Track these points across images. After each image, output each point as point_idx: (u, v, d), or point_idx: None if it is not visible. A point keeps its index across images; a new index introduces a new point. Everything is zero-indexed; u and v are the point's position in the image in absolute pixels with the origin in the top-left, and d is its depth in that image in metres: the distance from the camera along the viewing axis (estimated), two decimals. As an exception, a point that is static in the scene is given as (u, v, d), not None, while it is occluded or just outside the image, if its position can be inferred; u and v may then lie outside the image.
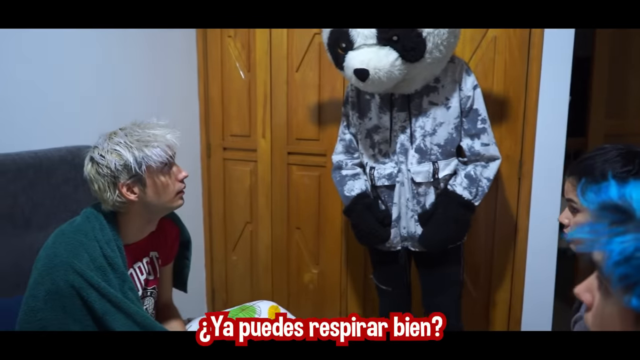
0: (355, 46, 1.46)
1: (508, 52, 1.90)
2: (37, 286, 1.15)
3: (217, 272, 2.66)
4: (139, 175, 1.20)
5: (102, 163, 1.20)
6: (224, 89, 2.47)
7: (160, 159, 1.23)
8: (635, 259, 0.55)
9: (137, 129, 1.25)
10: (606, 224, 0.58)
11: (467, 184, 1.60)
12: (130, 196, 1.21)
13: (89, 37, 1.91)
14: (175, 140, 1.28)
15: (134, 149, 1.20)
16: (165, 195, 1.27)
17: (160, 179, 1.25)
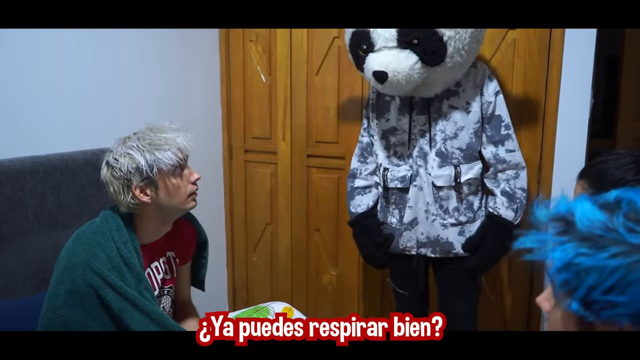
0: (376, 48, 1.47)
1: (528, 55, 1.88)
2: (58, 285, 1.20)
3: (238, 272, 2.70)
4: (150, 177, 1.25)
5: (116, 166, 1.25)
6: (246, 92, 2.52)
7: (171, 162, 1.27)
8: (574, 265, 0.60)
9: (149, 133, 1.30)
10: (551, 234, 0.63)
11: (508, 202, 1.60)
12: (143, 198, 1.26)
13: (113, 42, 1.98)
14: (186, 144, 1.32)
15: (145, 152, 1.25)
16: (178, 197, 1.31)
17: (172, 181, 1.29)
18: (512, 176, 1.62)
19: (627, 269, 0.57)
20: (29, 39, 1.68)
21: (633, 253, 0.57)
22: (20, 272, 1.59)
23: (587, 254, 0.60)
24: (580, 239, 0.62)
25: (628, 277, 0.57)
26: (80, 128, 1.87)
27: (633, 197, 0.62)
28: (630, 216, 0.60)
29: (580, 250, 0.61)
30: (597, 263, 0.59)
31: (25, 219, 1.59)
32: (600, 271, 0.59)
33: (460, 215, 1.64)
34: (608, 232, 0.60)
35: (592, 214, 0.62)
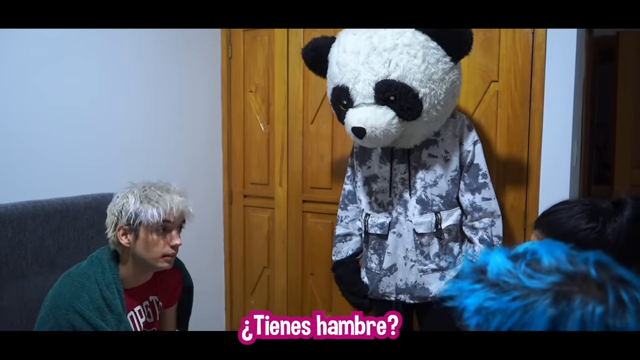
0: (355, 104, 1.54)
1: (510, 106, 1.96)
2: (42, 324, 1.28)
3: (236, 316, 2.74)
4: (132, 225, 1.33)
5: (114, 202, 1.37)
6: (246, 140, 2.63)
7: (153, 220, 1.33)
8: (483, 309, 0.65)
9: (152, 186, 1.39)
10: (467, 282, 0.69)
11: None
12: (122, 240, 1.34)
13: (116, 87, 2.12)
14: (177, 208, 1.37)
15: (137, 201, 1.34)
16: (151, 253, 1.37)
17: (151, 236, 1.36)
18: (488, 224, 1.66)
19: (524, 309, 0.62)
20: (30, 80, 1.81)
21: (529, 296, 0.63)
22: (17, 311, 1.66)
23: (494, 297, 0.66)
24: (489, 285, 0.67)
25: (524, 317, 0.62)
26: (81, 174, 1.98)
27: (537, 249, 0.69)
28: (531, 264, 0.66)
29: (488, 295, 0.67)
30: (501, 306, 0.65)
31: (24, 260, 1.68)
32: (503, 313, 0.64)
33: (441, 261, 1.68)
34: (511, 278, 0.66)
35: (502, 263, 0.68)
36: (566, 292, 0.62)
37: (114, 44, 2.07)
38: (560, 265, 0.66)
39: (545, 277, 0.64)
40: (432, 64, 1.47)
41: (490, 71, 1.98)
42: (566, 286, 0.63)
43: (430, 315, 1.73)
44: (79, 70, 1.96)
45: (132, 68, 2.17)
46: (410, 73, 1.45)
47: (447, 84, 1.52)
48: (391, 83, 1.46)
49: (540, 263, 0.67)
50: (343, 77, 1.53)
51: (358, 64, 1.49)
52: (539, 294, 0.63)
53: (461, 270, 0.74)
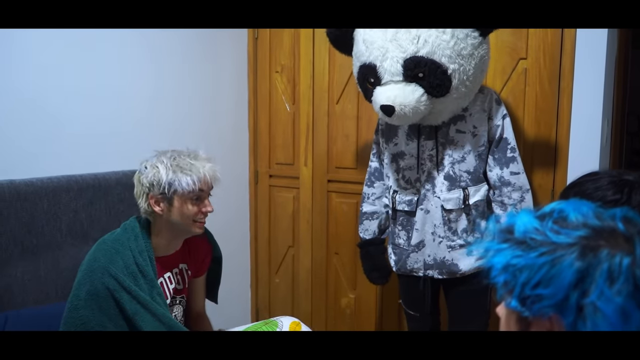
0: (383, 82, 1.54)
1: (539, 84, 1.93)
2: (79, 287, 1.33)
3: (261, 293, 2.79)
4: (166, 194, 1.36)
5: (143, 174, 1.38)
6: (271, 121, 2.65)
7: (188, 188, 1.36)
8: (511, 266, 0.67)
9: (183, 156, 1.41)
10: (494, 242, 0.71)
11: None
12: (155, 208, 1.38)
13: (147, 68, 2.16)
14: (210, 175, 1.41)
15: (169, 171, 1.37)
16: (185, 219, 1.41)
17: (185, 204, 1.39)
18: (517, 199, 1.65)
19: (551, 264, 0.63)
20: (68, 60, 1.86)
21: (556, 250, 0.64)
22: (52, 280, 1.73)
23: (521, 255, 0.67)
24: (516, 243, 0.68)
25: (551, 271, 0.63)
26: (113, 150, 2.03)
27: (564, 207, 0.69)
28: (558, 221, 0.67)
29: (515, 253, 0.68)
30: (528, 262, 0.66)
31: (59, 231, 1.74)
32: (530, 269, 0.65)
33: (468, 237, 1.68)
34: (538, 235, 0.67)
35: (529, 222, 0.69)
36: (593, 245, 0.63)
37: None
38: (587, 221, 0.66)
39: (572, 232, 0.65)
40: (461, 39, 1.46)
41: (518, 49, 1.96)
42: (593, 240, 0.64)
43: (457, 290, 1.74)
44: (111, 51, 2.00)
45: (161, 49, 2.20)
46: (439, 49, 1.45)
47: (476, 59, 1.51)
48: (420, 60, 1.45)
49: (567, 220, 0.68)
50: (370, 54, 1.53)
51: (386, 41, 1.49)
52: (566, 248, 0.64)
53: (488, 231, 0.75)
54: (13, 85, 1.70)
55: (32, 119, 1.76)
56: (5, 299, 1.61)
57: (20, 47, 1.71)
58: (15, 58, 1.70)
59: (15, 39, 1.69)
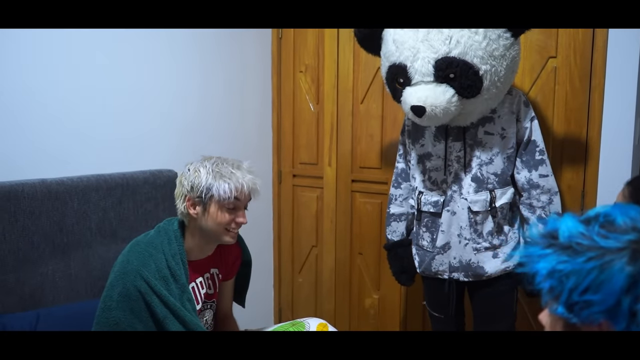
0: (413, 82, 1.52)
1: (569, 82, 1.90)
2: (112, 288, 1.34)
3: (284, 292, 2.79)
4: (203, 199, 1.37)
5: (186, 175, 1.41)
6: (295, 120, 2.65)
7: (224, 195, 1.36)
8: (557, 272, 0.66)
9: (225, 164, 1.42)
10: (538, 247, 0.69)
11: None
12: (191, 211, 1.39)
13: (172, 69, 2.18)
14: (249, 186, 1.40)
15: (209, 176, 1.37)
16: (217, 227, 1.41)
17: (219, 212, 1.40)
18: (546, 202, 1.63)
19: (600, 269, 0.62)
20: (94, 64, 1.88)
21: (605, 255, 0.62)
22: (82, 278, 1.76)
23: (567, 260, 0.66)
24: (561, 248, 0.67)
25: (600, 276, 0.61)
26: (140, 150, 2.05)
27: (610, 211, 0.68)
28: (605, 226, 0.66)
29: (561, 258, 0.66)
30: (575, 267, 0.64)
31: (89, 230, 1.77)
32: (578, 274, 0.64)
33: (493, 239, 1.66)
34: (585, 239, 0.65)
35: (573, 227, 0.68)
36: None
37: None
38: (636, 224, 0.65)
39: (621, 237, 0.63)
40: (494, 40, 1.44)
41: (548, 47, 1.92)
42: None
43: (483, 292, 1.72)
44: (138, 52, 2.02)
45: (186, 49, 2.22)
46: (471, 50, 1.43)
47: (508, 60, 1.49)
48: (452, 60, 1.43)
49: (615, 224, 0.66)
50: (401, 54, 1.52)
51: (417, 41, 1.47)
52: (615, 252, 0.62)
53: (530, 237, 0.73)
54: (44, 85, 1.73)
55: (62, 119, 1.79)
56: (37, 297, 1.63)
57: (50, 47, 1.74)
58: (45, 58, 1.73)
59: (44, 39, 1.72)
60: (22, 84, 1.67)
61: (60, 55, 1.77)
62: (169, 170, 2.05)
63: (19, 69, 1.66)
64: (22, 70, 1.67)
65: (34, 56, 1.70)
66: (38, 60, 1.71)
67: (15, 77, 1.66)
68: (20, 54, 1.66)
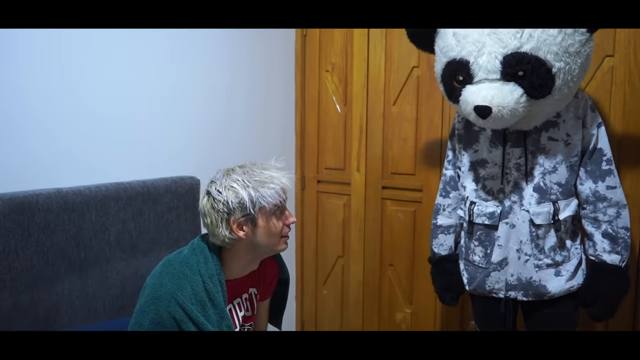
0: (475, 80, 1.37)
1: (627, 84, 1.74)
2: (142, 314, 1.18)
3: (307, 306, 2.64)
4: (251, 214, 1.22)
5: (218, 199, 1.23)
6: (320, 123, 2.50)
7: (274, 201, 1.24)
8: None
9: (255, 169, 1.27)
10: None
11: (610, 245, 1.47)
12: (240, 233, 1.23)
13: (195, 73, 2.02)
14: (289, 184, 1.29)
15: (250, 188, 1.22)
16: (272, 237, 1.28)
17: (271, 220, 1.26)
18: (613, 216, 1.47)
19: None
20: (111, 66, 1.73)
21: None
22: (101, 297, 1.60)
23: None
24: None
25: None
26: (161, 156, 1.90)
27: None
28: None
29: None
30: None
31: (108, 244, 1.61)
32: None
33: (556, 255, 1.51)
34: None
35: None
36: None
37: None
38: None
39: None
40: (569, 35, 1.28)
41: (604, 45, 1.77)
42: None
43: (541, 313, 1.56)
44: (159, 53, 1.87)
45: (205, 49, 2.06)
46: (545, 45, 1.27)
47: (583, 57, 1.33)
48: (523, 56, 1.28)
49: None
50: (462, 49, 1.36)
51: (483, 34, 1.31)
52: None
53: None
54: (58, 87, 1.57)
55: (78, 123, 1.63)
56: (52, 319, 1.48)
57: (63, 47, 1.57)
58: (59, 58, 1.57)
59: (54, 38, 1.55)
60: (35, 85, 1.51)
61: (75, 56, 1.60)
62: (191, 178, 1.90)
63: (28, 70, 1.50)
64: (32, 72, 1.51)
65: (47, 57, 1.53)
66: (52, 61, 1.55)
67: (27, 79, 1.50)
68: (31, 56, 1.50)
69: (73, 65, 1.60)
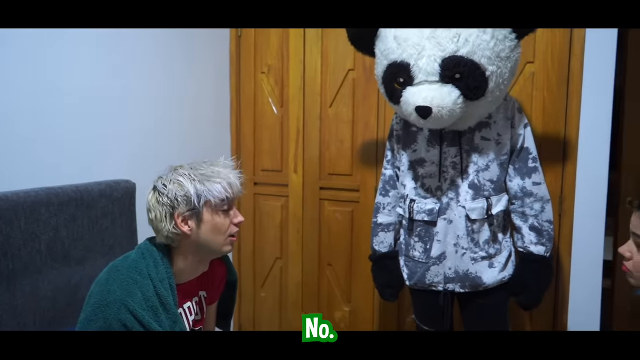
0: (416, 82, 1.43)
1: (546, 88, 1.89)
2: (89, 323, 1.12)
3: (246, 309, 2.61)
4: (197, 209, 1.20)
5: (163, 192, 1.20)
6: (257, 125, 2.49)
7: (221, 196, 1.21)
8: None
9: (203, 165, 1.26)
10: None
11: (537, 238, 1.59)
12: (184, 228, 1.20)
13: (126, 74, 1.95)
14: (238, 182, 1.27)
15: (196, 182, 1.20)
16: (218, 236, 1.25)
17: (217, 217, 1.23)
18: (539, 210, 1.60)
19: None
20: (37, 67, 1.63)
21: None
22: (31, 310, 1.49)
23: None
24: None
25: None
26: (93, 159, 1.81)
27: None
28: None
29: None
30: None
31: (38, 253, 1.51)
32: None
33: (490, 248, 1.60)
34: None
35: None
36: None
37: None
38: None
39: None
40: (501, 41, 1.38)
41: (525, 52, 1.90)
42: None
43: (476, 304, 1.65)
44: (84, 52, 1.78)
45: (138, 49, 1.99)
46: (479, 49, 1.35)
47: (512, 62, 1.43)
48: (460, 60, 1.35)
49: None
50: (403, 52, 1.42)
51: (423, 38, 1.38)
52: None
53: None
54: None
55: (2, 125, 1.52)
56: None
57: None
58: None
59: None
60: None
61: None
62: (126, 181, 1.82)
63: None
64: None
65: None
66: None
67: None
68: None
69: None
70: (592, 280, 1.87)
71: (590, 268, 1.87)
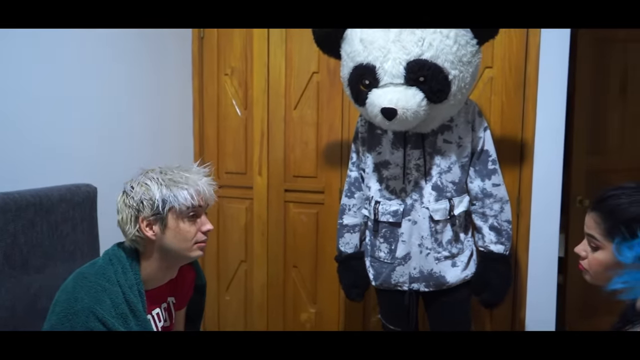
0: (381, 84, 1.46)
1: (504, 93, 1.96)
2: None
3: (210, 313, 2.58)
4: (161, 214, 1.18)
5: (130, 194, 1.19)
6: (220, 127, 2.47)
7: (186, 203, 1.19)
8: None
9: (174, 170, 1.24)
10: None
11: (496, 237, 1.64)
12: (148, 232, 1.18)
13: (88, 74, 1.90)
14: (208, 189, 1.25)
15: (162, 187, 1.18)
16: (183, 242, 1.22)
17: (183, 224, 1.21)
18: (498, 211, 1.66)
19: None
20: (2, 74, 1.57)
21: None
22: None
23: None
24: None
25: None
26: (54, 162, 1.76)
27: None
28: None
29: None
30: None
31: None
32: None
33: (452, 248, 1.65)
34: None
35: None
36: None
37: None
38: None
39: None
40: (463, 46, 1.42)
41: (484, 57, 1.96)
42: None
43: (440, 302, 1.70)
44: (43, 52, 1.72)
45: (98, 49, 1.94)
46: (442, 53, 1.40)
47: (473, 67, 1.48)
48: (424, 63, 1.39)
49: None
50: (369, 54, 1.44)
51: (388, 41, 1.41)
52: None
53: (623, 260, 0.69)
54: None
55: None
56: None
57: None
58: None
59: None
60: None
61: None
62: (87, 185, 1.77)
63: None
64: None
65: None
66: None
67: None
68: None
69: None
70: (548, 277, 1.96)
71: (546, 265, 1.95)
